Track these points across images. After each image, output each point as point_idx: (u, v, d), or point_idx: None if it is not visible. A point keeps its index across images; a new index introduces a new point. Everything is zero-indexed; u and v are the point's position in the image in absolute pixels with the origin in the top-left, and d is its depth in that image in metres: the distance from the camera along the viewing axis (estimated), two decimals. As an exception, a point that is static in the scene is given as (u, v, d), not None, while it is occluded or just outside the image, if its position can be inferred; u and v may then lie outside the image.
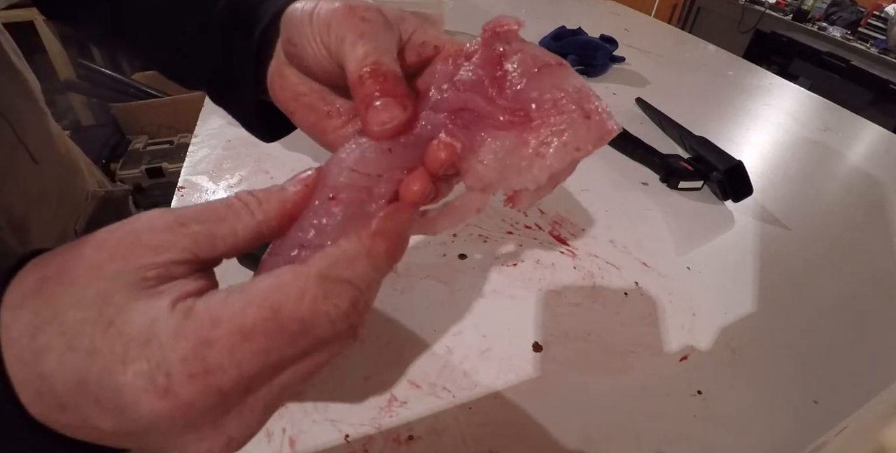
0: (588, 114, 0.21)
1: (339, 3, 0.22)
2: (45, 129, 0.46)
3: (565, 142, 0.21)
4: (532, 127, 0.21)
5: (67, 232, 0.46)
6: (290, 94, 0.26)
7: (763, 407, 0.34)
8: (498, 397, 0.31)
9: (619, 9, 1.20)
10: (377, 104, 0.20)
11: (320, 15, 0.22)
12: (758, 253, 0.47)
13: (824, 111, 0.82)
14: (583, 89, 0.22)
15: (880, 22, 2.29)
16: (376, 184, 0.20)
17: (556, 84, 0.21)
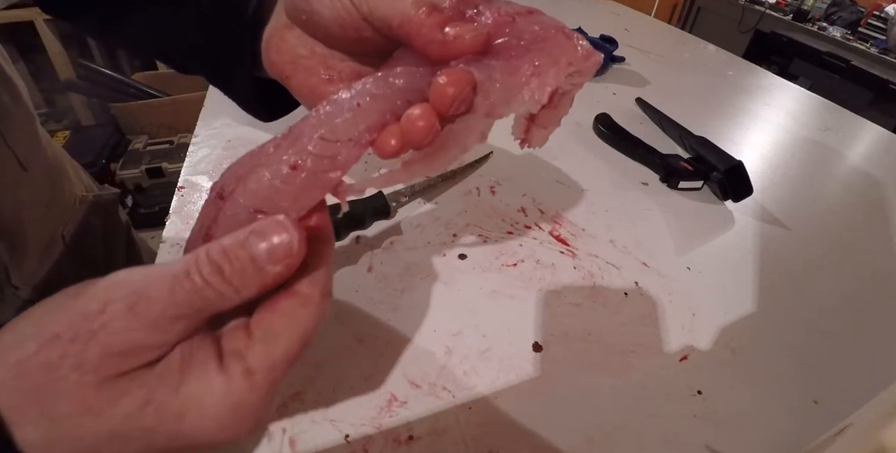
0: (569, 35, 0.22)
1: None
2: (33, 135, 0.45)
3: (556, 59, 0.21)
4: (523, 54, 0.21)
5: (55, 237, 0.46)
6: (288, 56, 0.25)
7: (763, 407, 0.34)
8: (498, 397, 0.31)
9: (619, 9, 1.20)
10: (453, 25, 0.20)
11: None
12: (758, 253, 0.47)
13: (824, 111, 0.82)
14: (558, 22, 0.23)
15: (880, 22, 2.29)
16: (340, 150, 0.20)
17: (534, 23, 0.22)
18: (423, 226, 0.44)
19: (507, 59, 0.21)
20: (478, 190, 0.49)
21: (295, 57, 0.25)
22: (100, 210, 0.53)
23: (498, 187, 0.50)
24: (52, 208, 0.46)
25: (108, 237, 0.54)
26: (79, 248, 0.48)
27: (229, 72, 0.29)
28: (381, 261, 0.40)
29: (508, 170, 0.53)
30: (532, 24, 0.22)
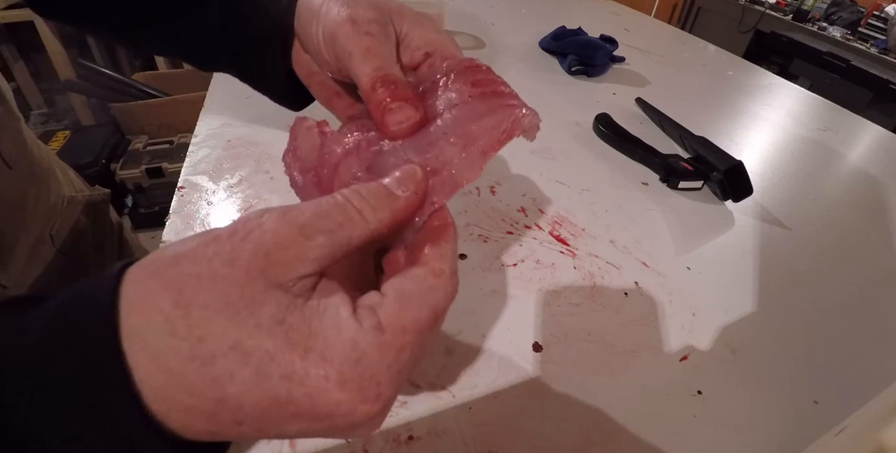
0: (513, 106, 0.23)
1: (342, 12, 0.23)
2: (18, 135, 0.45)
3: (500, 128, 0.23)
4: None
5: (43, 236, 0.46)
6: (304, 70, 0.28)
7: (763, 407, 0.34)
8: (498, 397, 0.31)
9: (619, 9, 1.20)
10: (392, 107, 0.22)
11: (325, 24, 0.23)
12: (758, 253, 0.47)
13: (824, 111, 0.83)
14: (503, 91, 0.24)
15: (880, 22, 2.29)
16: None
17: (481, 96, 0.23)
18: (423, 226, 0.44)
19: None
20: (478, 190, 0.49)
21: (310, 71, 0.28)
22: (89, 210, 0.53)
23: (498, 187, 0.50)
24: (39, 207, 0.46)
25: (98, 237, 0.54)
26: (69, 249, 0.48)
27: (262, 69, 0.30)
28: (381, 261, 0.40)
29: (508, 170, 0.53)
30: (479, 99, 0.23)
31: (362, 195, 0.19)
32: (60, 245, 0.47)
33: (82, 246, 0.51)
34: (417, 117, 0.22)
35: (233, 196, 0.44)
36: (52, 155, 0.53)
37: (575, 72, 0.78)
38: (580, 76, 0.78)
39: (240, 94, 0.58)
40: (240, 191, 0.45)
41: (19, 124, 0.46)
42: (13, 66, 1.91)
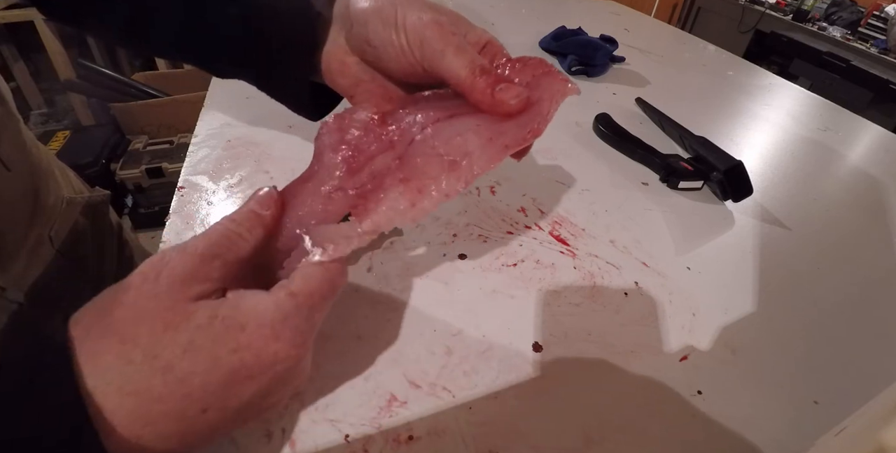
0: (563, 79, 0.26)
1: (425, 17, 0.25)
2: (17, 136, 0.45)
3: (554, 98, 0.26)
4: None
5: (42, 238, 0.45)
6: (351, 80, 0.29)
7: (763, 407, 0.34)
8: (498, 397, 0.31)
9: (619, 9, 1.20)
10: (501, 87, 0.24)
11: (411, 28, 0.25)
12: (758, 253, 0.47)
13: (824, 111, 0.83)
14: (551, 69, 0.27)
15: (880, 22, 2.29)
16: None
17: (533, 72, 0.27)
18: (423, 226, 0.44)
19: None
20: (478, 190, 0.49)
21: (357, 81, 0.29)
22: (88, 212, 0.53)
23: (498, 187, 0.50)
24: (38, 209, 0.45)
25: (98, 238, 0.54)
26: (69, 250, 0.48)
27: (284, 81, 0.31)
28: (381, 261, 0.40)
29: (508, 170, 0.53)
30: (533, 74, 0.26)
31: (238, 222, 0.24)
32: (60, 246, 0.47)
33: (82, 247, 0.51)
34: (526, 93, 0.25)
35: (233, 196, 0.44)
36: (51, 156, 0.53)
37: (575, 72, 0.78)
38: (580, 76, 0.78)
39: (240, 94, 0.58)
40: (240, 191, 0.45)
41: (19, 125, 0.46)
42: (13, 66, 1.91)
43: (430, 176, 0.24)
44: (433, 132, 0.24)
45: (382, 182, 0.24)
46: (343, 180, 0.25)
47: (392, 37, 0.25)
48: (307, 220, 0.25)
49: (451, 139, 0.24)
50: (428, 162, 0.24)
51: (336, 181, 0.26)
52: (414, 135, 0.24)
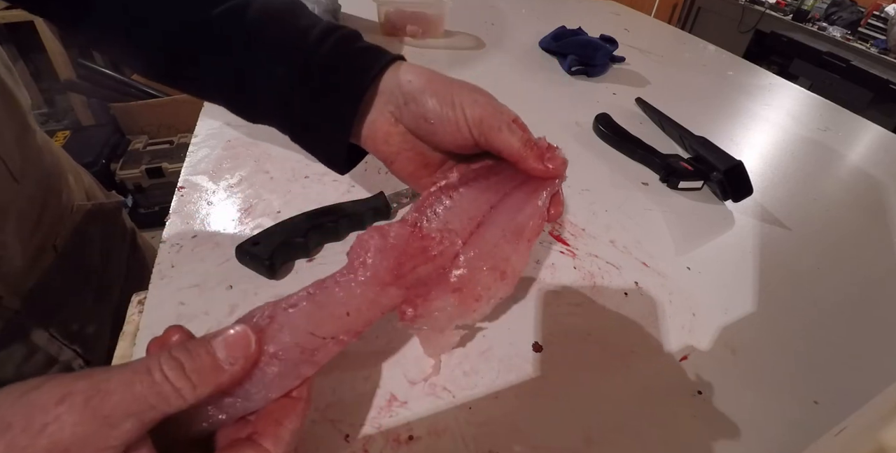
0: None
1: (479, 98, 0.29)
2: (29, 148, 0.44)
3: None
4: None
5: (46, 246, 0.45)
6: (394, 148, 0.31)
7: (763, 407, 0.34)
8: (498, 397, 0.31)
9: (619, 9, 1.20)
10: (548, 157, 0.30)
11: (469, 108, 0.29)
12: (758, 253, 0.47)
13: (824, 111, 0.83)
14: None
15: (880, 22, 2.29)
16: (321, 347, 0.23)
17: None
18: (423, 226, 0.44)
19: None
20: (478, 190, 0.49)
21: (400, 150, 0.31)
22: (98, 218, 0.52)
23: (498, 187, 0.50)
24: (44, 218, 0.45)
25: (107, 245, 0.53)
26: (72, 257, 0.47)
27: (324, 138, 0.32)
28: (381, 261, 0.40)
29: (508, 170, 0.53)
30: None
31: (185, 371, 0.18)
32: (63, 253, 0.47)
33: (88, 254, 0.51)
34: (566, 158, 0.30)
35: (233, 196, 0.44)
36: (67, 161, 0.52)
37: (575, 72, 0.78)
38: (580, 76, 0.78)
39: (240, 94, 0.58)
40: (240, 191, 0.45)
41: (34, 137, 0.46)
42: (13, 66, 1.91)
43: (485, 286, 0.27)
44: (472, 249, 0.28)
45: (430, 292, 0.27)
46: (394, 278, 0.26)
47: (450, 114, 0.29)
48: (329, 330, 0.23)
49: (490, 253, 0.28)
50: (480, 275, 0.27)
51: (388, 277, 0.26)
52: (454, 249, 0.28)
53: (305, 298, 0.23)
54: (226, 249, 0.38)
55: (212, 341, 0.20)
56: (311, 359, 0.22)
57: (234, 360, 0.19)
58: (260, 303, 0.35)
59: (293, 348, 0.22)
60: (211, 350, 0.19)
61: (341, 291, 0.24)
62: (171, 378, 0.18)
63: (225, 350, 0.19)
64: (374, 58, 0.30)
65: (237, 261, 0.38)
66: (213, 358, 0.19)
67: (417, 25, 0.81)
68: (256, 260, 0.36)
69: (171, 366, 0.18)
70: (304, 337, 0.22)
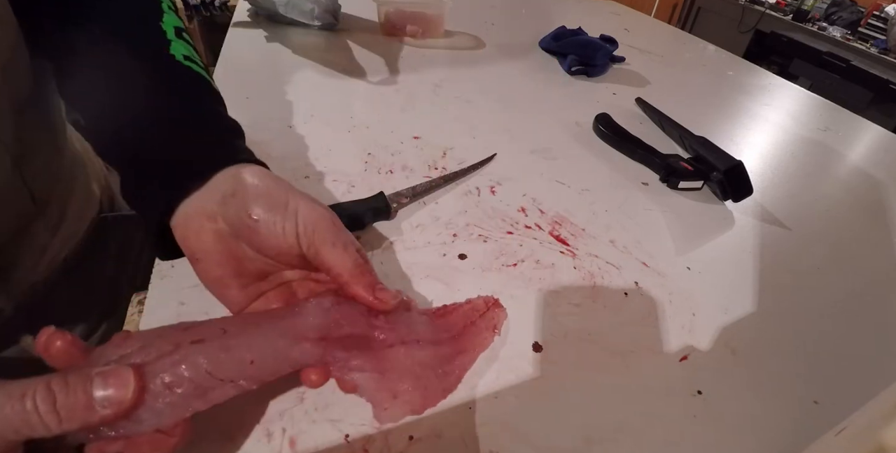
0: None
1: (318, 208, 0.28)
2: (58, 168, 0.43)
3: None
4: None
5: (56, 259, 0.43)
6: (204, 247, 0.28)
7: (763, 407, 0.34)
8: (498, 397, 0.31)
9: (619, 9, 1.20)
10: (381, 288, 0.28)
11: (302, 217, 0.27)
12: (758, 253, 0.47)
13: (824, 111, 0.83)
14: None
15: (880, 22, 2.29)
16: (217, 387, 0.23)
17: None
18: (423, 226, 0.44)
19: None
20: (478, 190, 0.49)
21: (211, 249, 0.28)
22: (117, 228, 0.50)
23: (498, 187, 0.50)
24: (57, 235, 0.43)
25: (123, 256, 0.51)
26: (78, 269, 0.46)
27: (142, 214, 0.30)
28: (381, 261, 0.40)
29: (508, 170, 0.53)
30: None
31: (56, 405, 0.18)
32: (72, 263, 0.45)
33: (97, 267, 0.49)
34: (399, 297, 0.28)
35: (233, 196, 0.44)
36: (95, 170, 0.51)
37: (575, 72, 0.78)
38: (580, 76, 0.78)
39: (239, 94, 0.58)
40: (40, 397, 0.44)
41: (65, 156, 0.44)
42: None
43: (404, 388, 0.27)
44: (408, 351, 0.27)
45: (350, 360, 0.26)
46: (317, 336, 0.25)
47: (278, 217, 0.27)
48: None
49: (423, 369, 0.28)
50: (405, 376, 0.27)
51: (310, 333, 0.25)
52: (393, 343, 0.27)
53: (216, 336, 0.23)
54: (226, 249, 0.38)
55: (93, 379, 0.19)
56: (204, 396, 0.22)
57: (108, 404, 0.19)
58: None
59: (188, 383, 0.22)
60: (88, 389, 0.19)
61: (253, 337, 0.23)
62: (40, 410, 0.18)
63: (102, 390, 0.19)
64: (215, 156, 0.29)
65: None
66: (88, 399, 0.19)
67: (417, 25, 0.81)
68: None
69: (43, 398, 0.18)
70: (202, 376, 0.22)
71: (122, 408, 0.20)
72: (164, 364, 0.22)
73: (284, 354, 0.24)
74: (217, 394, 0.22)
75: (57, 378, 0.19)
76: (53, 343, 0.21)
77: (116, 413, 0.20)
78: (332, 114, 0.57)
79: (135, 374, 0.20)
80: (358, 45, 0.76)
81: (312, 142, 0.52)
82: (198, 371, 0.22)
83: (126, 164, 0.31)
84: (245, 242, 0.29)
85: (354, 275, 0.27)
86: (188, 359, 0.22)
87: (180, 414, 0.22)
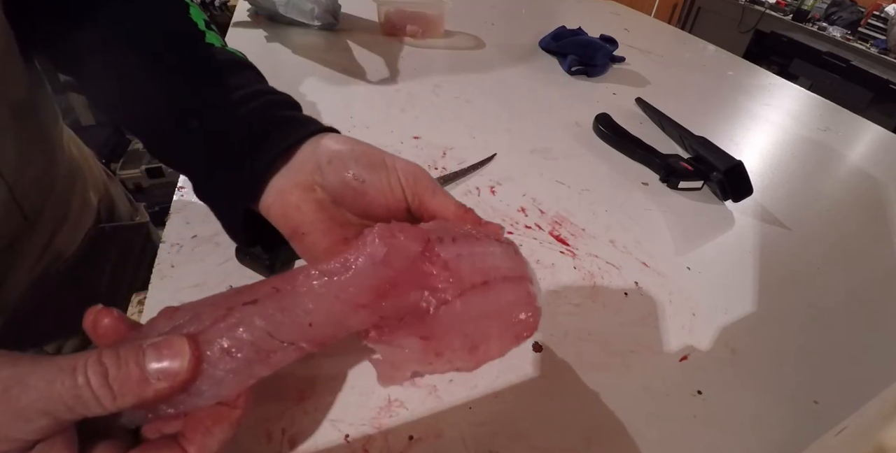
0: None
1: (411, 163, 0.29)
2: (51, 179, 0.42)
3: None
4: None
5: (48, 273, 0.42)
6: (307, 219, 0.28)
7: (763, 407, 0.34)
8: (498, 397, 0.31)
9: (619, 9, 1.20)
10: (485, 222, 0.28)
11: (402, 171, 0.28)
12: (758, 253, 0.47)
13: (824, 111, 0.83)
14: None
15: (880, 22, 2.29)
16: (279, 350, 0.21)
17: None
18: (423, 226, 0.44)
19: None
20: (478, 190, 0.49)
21: (314, 220, 0.28)
22: (115, 240, 0.49)
23: (498, 187, 0.50)
24: (51, 247, 0.42)
25: (120, 267, 0.50)
26: (73, 280, 0.44)
27: (224, 201, 0.30)
28: (381, 261, 0.40)
29: (508, 170, 0.53)
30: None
31: (108, 378, 0.17)
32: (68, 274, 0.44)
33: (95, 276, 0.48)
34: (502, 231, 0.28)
35: (233, 196, 0.44)
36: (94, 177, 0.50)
37: (575, 72, 0.78)
38: (580, 76, 0.78)
39: (240, 94, 0.58)
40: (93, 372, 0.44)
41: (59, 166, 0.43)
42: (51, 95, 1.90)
43: (451, 348, 0.25)
44: (466, 303, 0.25)
45: (400, 328, 0.24)
46: (372, 300, 0.23)
47: (383, 174, 0.28)
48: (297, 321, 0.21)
49: (479, 321, 0.25)
50: (454, 336, 0.25)
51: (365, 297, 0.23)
52: (449, 297, 0.24)
53: (270, 295, 0.21)
54: (226, 249, 0.38)
55: (145, 350, 0.18)
56: (266, 360, 0.21)
57: (163, 376, 0.18)
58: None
59: (249, 346, 0.20)
60: (141, 361, 0.18)
61: (309, 300, 0.22)
62: (92, 384, 0.17)
63: (156, 362, 0.18)
64: (293, 129, 0.29)
65: (237, 261, 0.38)
66: (141, 371, 0.18)
67: (417, 25, 0.81)
68: (256, 260, 0.36)
69: (95, 371, 0.17)
70: (262, 337, 0.20)
71: (178, 380, 0.18)
72: (219, 328, 0.20)
73: (341, 320, 0.22)
74: (279, 358, 0.21)
75: (108, 351, 0.18)
76: (101, 321, 0.20)
77: (173, 386, 0.18)
78: (332, 114, 0.57)
79: (189, 343, 0.19)
80: (358, 45, 0.76)
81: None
82: (257, 333, 0.20)
83: (196, 157, 0.30)
84: (347, 208, 0.29)
85: (459, 215, 0.28)
86: (245, 321, 0.20)
87: (243, 382, 0.20)
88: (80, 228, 0.46)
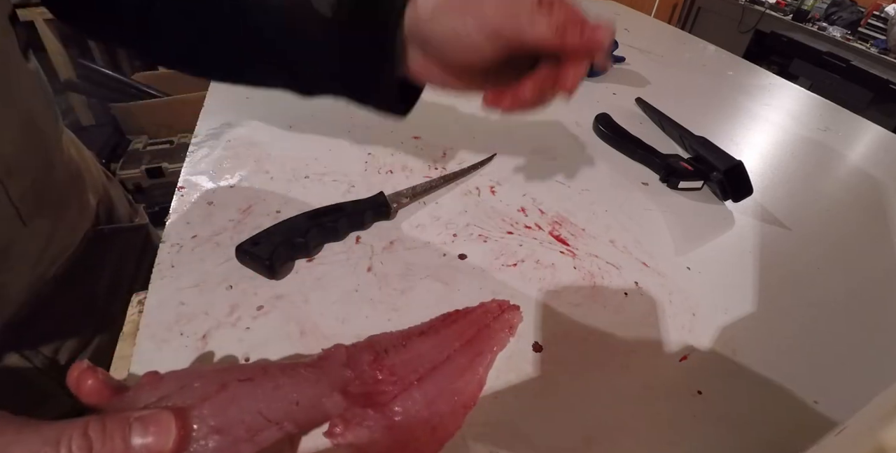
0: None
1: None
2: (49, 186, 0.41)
3: None
4: None
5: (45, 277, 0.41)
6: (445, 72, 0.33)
7: (763, 407, 0.34)
8: (498, 397, 0.31)
9: (619, 9, 1.20)
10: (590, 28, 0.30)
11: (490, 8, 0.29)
12: (758, 253, 0.47)
13: (824, 111, 0.83)
14: None
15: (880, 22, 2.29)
16: (266, 429, 0.21)
17: None
18: (423, 226, 0.44)
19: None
20: (478, 190, 0.49)
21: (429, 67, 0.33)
22: (114, 242, 0.49)
23: (498, 187, 0.50)
24: (49, 250, 0.41)
25: (119, 270, 0.50)
26: (71, 283, 0.44)
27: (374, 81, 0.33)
28: (381, 261, 0.40)
29: (508, 170, 0.53)
30: None
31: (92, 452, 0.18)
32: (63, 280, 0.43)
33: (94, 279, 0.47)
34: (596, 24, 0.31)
35: (233, 196, 0.44)
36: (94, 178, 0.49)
37: (575, 72, 0.78)
38: (580, 76, 0.78)
39: (240, 94, 0.58)
40: (240, 191, 0.45)
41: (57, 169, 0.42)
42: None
43: (414, 437, 0.26)
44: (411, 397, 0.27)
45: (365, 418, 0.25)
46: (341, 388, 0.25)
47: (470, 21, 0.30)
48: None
49: (431, 405, 0.27)
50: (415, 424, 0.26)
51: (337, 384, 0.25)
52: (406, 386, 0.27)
53: (260, 374, 0.22)
54: (226, 249, 0.38)
55: (132, 424, 0.19)
56: (252, 439, 0.21)
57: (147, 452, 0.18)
58: (261, 303, 0.35)
59: (238, 425, 0.20)
60: (126, 435, 0.18)
61: (294, 378, 0.23)
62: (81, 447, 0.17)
63: (141, 438, 0.18)
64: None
65: (237, 261, 0.38)
66: (126, 446, 0.18)
67: (417, 25, 0.81)
68: (256, 260, 0.36)
69: (79, 446, 0.18)
70: (253, 415, 0.21)
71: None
72: (212, 405, 0.20)
73: (320, 401, 0.24)
74: (265, 437, 0.21)
75: (94, 423, 0.18)
76: (85, 381, 0.20)
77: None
78: (332, 115, 0.57)
79: (177, 420, 0.19)
80: (358, 45, 0.76)
81: (312, 142, 0.52)
82: (250, 411, 0.21)
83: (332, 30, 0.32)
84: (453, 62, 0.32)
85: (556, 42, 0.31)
86: (239, 399, 0.21)
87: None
88: (78, 231, 0.45)
